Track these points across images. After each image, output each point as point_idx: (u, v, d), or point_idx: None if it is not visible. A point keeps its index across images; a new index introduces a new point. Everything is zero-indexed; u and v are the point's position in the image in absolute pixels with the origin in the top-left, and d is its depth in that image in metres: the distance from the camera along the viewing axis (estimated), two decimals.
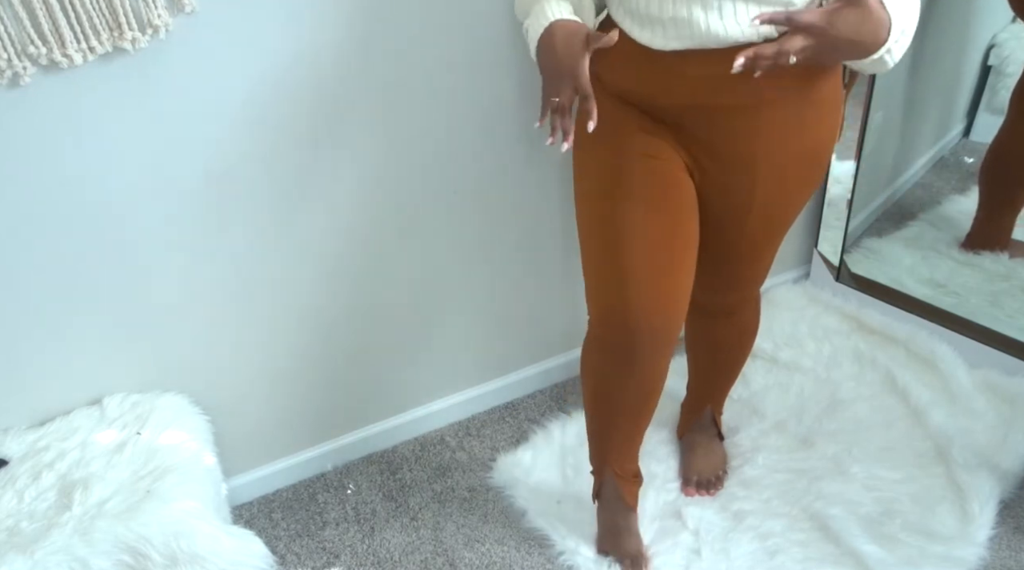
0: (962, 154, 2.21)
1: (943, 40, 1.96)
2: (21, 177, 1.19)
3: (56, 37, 1.09)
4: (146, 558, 1.18)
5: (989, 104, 2.12)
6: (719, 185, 1.20)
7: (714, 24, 1.04)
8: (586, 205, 1.23)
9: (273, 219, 1.40)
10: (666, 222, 1.18)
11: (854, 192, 1.87)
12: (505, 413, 1.85)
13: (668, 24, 1.07)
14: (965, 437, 1.62)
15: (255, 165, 1.33)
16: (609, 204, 1.18)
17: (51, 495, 1.25)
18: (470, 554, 1.55)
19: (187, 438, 1.37)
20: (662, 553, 1.49)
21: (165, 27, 1.14)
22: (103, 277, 1.32)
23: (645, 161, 1.17)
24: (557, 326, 1.83)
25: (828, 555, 1.46)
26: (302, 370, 1.60)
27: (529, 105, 1.48)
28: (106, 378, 1.42)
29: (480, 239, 1.61)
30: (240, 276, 1.43)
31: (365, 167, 1.42)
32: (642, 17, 1.09)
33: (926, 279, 1.95)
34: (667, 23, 1.07)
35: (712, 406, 1.64)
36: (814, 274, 2.04)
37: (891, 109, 1.93)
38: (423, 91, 1.39)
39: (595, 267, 1.22)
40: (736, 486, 1.61)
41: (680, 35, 1.07)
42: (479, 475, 1.71)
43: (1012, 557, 1.46)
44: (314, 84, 1.30)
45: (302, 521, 1.65)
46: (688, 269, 1.21)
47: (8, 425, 1.37)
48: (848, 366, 1.82)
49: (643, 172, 1.17)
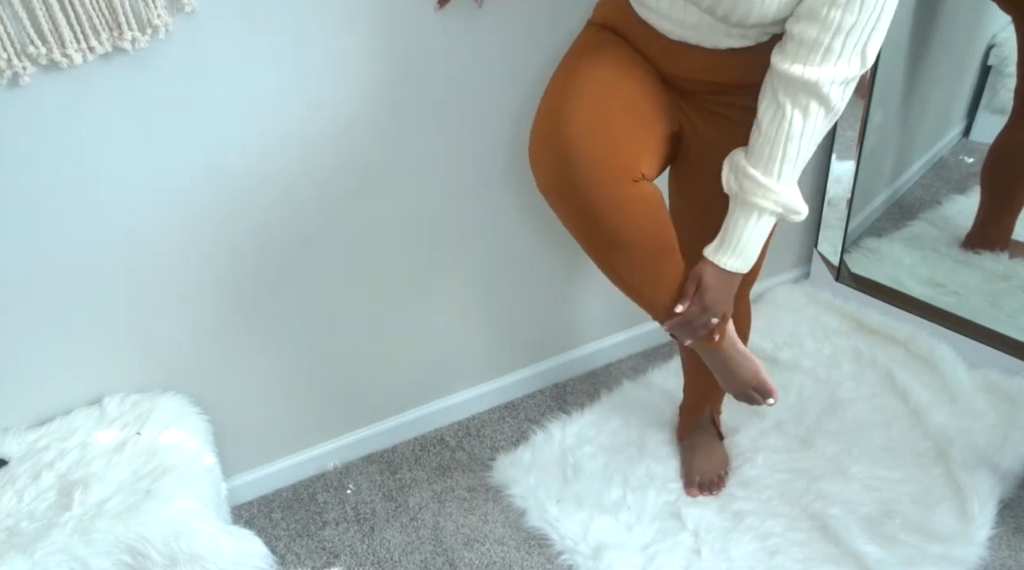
0: (962, 154, 2.21)
1: (943, 40, 1.96)
2: (21, 177, 1.19)
3: (56, 37, 1.09)
4: (146, 558, 1.18)
5: (989, 104, 2.12)
6: (708, 145, 1.19)
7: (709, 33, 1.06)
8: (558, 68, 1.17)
9: (273, 218, 1.40)
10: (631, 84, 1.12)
11: (854, 192, 1.87)
12: (505, 413, 1.85)
13: (673, 21, 1.08)
14: (965, 437, 1.62)
15: (256, 165, 1.33)
16: (577, 61, 1.13)
17: (51, 495, 1.25)
18: (470, 554, 1.55)
19: (187, 438, 1.37)
20: (662, 553, 1.49)
21: (165, 27, 1.14)
22: (103, 277, 1.32)
23: (629, 54, 1.14)
24: (557, 326, 1.83)
25: (828, 555, 1.46)
26: (302, 370, 1.60)
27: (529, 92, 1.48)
28: (106, 378, 1.42)
29: (480, 239, 1.61)
30: (240, 276, 1.43)
31: (366, 165, 1.42)
32: (649, 6, 1.10)
33: (926, 279, 1.95)
34: (673, 20, 1.08)
35: (710, 407, 1.64)
36: (814, 274, 2.04)
37: (891, 109, 1.93)
38: (428, 79, 1.39)
39: (542, 106, 1.12)
40: (736, 486, 1.61)
41: (684, 34, 1.08)
42: (479, 475, 1.71)
43: (1012, 557, 1.46)
44: (314, 83, 1.30)
45: (302, 521, 1.65)
46: (647, 126, 1.12)
47: (8, 425, 1.37)
48: (848, 366, 1.83)
49: (620, 55, 1.13)
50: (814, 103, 1.01)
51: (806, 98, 1.01)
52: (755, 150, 1.06)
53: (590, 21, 1.25)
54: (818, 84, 0.99)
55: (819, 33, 0.96)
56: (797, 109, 1.02)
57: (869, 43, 0.98)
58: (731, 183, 1.10)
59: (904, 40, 1.85)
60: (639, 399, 1.81)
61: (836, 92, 1.01)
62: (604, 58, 1.14)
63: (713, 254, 1.14)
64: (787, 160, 1.05)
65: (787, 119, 1.02)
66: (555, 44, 1.41)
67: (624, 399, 1.82)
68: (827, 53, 0.97)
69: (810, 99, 1.01)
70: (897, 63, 1.86)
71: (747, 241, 1.11)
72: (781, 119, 1.03)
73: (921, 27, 1.87)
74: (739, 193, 1.09)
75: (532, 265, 1.70)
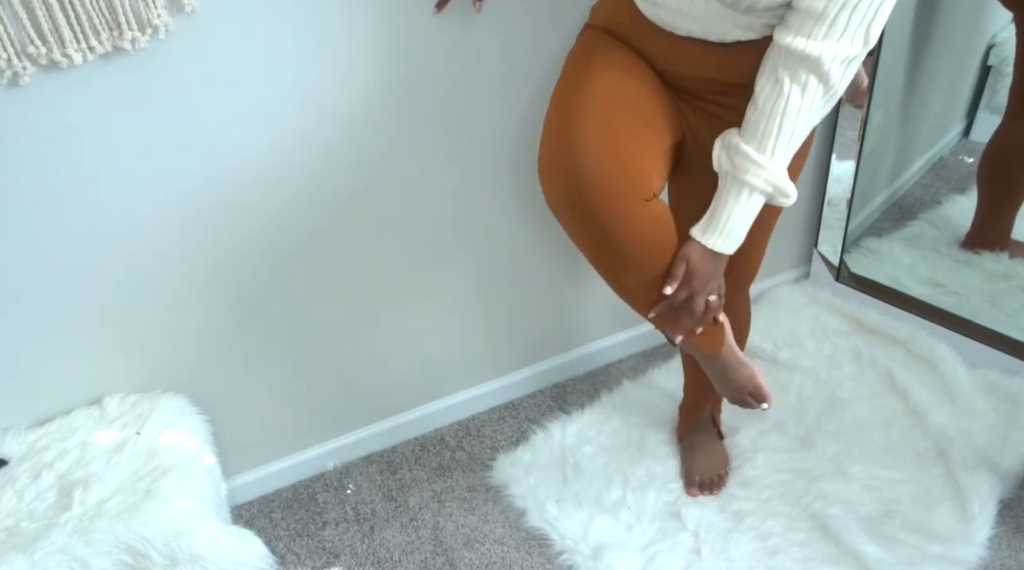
0: (962, 154, 2.21)
1: (943, 40, 1.96)
2: (21, 177, 1.19)
3: (56, 37, 1.09)
4: (146, 558, 1.18)
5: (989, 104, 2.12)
6: (701, 136, 1.19)
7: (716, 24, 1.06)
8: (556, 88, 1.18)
9: (274, 218, 1.40)
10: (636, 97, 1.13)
11: (854, 192, 1.87)
12: (505, 413, 1.85)
13: (681, 14, 1.07)
14: (965, 437, 1.62)
15: (255, 165, 1.33)
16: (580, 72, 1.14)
17: (51, 495, 1.25)
18: (470, 554, 1.55)
19: (187, 438, 1.37)
20: (662, 553, 1.49)
21: (165, 27, 1.14)
22: (103, 277, 1.32)
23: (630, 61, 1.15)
24: (557, 326, 1.83)
25: (828, 555, 1.46)
26: (302, 370, 1.60)
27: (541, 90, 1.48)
28: (106, 378, 1.42)
29: (480, 239, 1.61)
30: (241, 275, 1.43)
31: (367, 164, 1.42)
32: (655, 1, 1.09)
33: (926, 279, 1.95)
34: (681, 13, 1.07)
35: (710, 406, 1.64)
36: (814, 274, 2.04)
37: (891, 109, 1.93)
38: (428, 79, 1.39)
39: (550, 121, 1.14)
40: (736, 486, 1.61)
41: (691, 27, 1.08)
42: (479, 475, 1.71)
43: (1012, 557, 1.46)
44: (315, 82, 1.30)
45: (302, 521, 1.65)
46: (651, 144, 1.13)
47: (8, 425, 1.37)
48: (848, 366, 1.83)
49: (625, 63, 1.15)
50: (813, 79, 1.00)
51: (806, 74, 1.00)
52: (750, 126, 1.06)
53: (588, 24, 1.24)
54: (820, 60, 0.98)
55: (826, 5, 0.96)
56: (796, 84, 1.01)
57: (874, 21, 0.97)
58: (722, 161, 1.09)
59: (904, 40, 1.85)
60: (639, 399, 1.81)
61: (837, 70, 1.00)
62: (607, 68, 1.13)
63: (701, 234, 1.12)
64: (782, 137, 1.04)
65: (784, 95, 1.02)
66: (556, 44, 1.41)
67: (624, 399, 1.82)
68: (832, 27, 0.97)
69: (810, 75, 1.00)
70: (897, 63, 1.86)
71: (735, 221, 1.10)
72: (779, 95, 1.02)
73: (921, 27, 1.87)
74: (730, 170, 1.08)
75: (532, 265, 1.70)
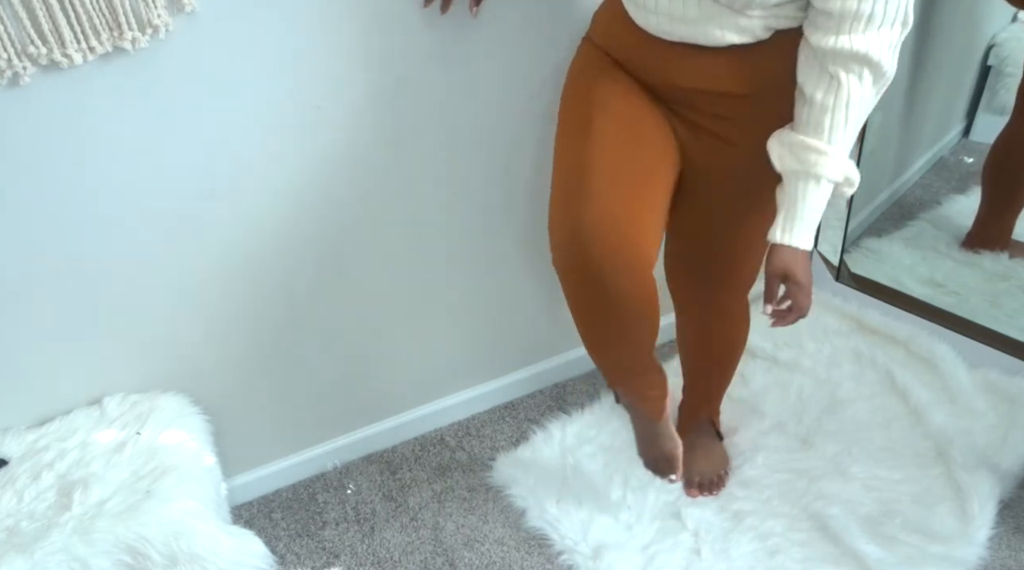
0: (962, 154, 2.21)
1: (943, 40, 1.96)
2: (21, 177, 1.19)
3: (56, 37, 1.09)
4: (146, 558, 1.18)
5: (989, 104, 2.13)
6: (697, 158, 1.20)
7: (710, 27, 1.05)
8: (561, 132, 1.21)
9: (274, 218, 1.40)
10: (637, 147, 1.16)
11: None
12: (505, 413, 1.85)
13: (674, 18, 1.07)
14: (965, 437, 1.62)
15: (256, 164, 1.33)
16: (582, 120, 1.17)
17: (51, 495, 1.25)
18: (470, 554, 1.55)
19: (187, 438, 1.37)
20: (662, 553, 1.49)
21: (165, 27, 1.14)
22: (103, 277, 1.32)
23: (627, 97, 1.17)
24: (556, 326, 1.83)
25: (828, 555, 1.46)
26: (302, 370, 1.60)
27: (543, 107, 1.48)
28: (106, 378, 1.42)
29: (480, 239, 1.61)
30: (241, 275, 1.43)
31: (367, 166, 1.42)
32: (646, 7, 1.09)
33: (926, 279, 1.95)
34: (674, 17, 1.07)
35: (709, 407, 1.64)
36: (814, 274, 2.03)
37: (891, 109, 1.93)
38: (427, 80, 1.39)
39: (558, 182, 1.18)
40: (736, 486, 1.61)
41: (684, 32, 1.08)
42: (479, 475, 1.71)
43: (1012, 557, 1.46)
44: (315, 83, 1.30)
45: (302, 521, 1.65)
46: (655, 203, 1.16)
47: (8, 425, 1.37)
48: (848, 366, 1.82)
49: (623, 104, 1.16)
50: (867, 70, 1.02)
51: (858, 67, 1.02)
52: (811, 122, 1.06)
53: (586, 37, 1.24)
54: (868, 54, 1.00)
55: (859, 3, 0.97)
56: (852, 75, 1.02)
57: (908, 3, 0.99)
58: (787, 161, 1.09)
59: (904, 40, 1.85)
60: None
61: (887, 57, 1.02)
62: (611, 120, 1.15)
63: (790, 238, 1.11)
64: (848, 127, 1.05)
65: (844, 87, 1.03)
66: (556, 44, 1.41)
67: None
68: (870, 21, 0.98)
69: (863, 67, 1.02)
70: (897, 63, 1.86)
71: (812, 214, 1.10)
72: (838, 88, 1.03)
73: (921, 27, 1.87)
74: (799, 168, 1.08)
75: (532, 265, 1.70)
